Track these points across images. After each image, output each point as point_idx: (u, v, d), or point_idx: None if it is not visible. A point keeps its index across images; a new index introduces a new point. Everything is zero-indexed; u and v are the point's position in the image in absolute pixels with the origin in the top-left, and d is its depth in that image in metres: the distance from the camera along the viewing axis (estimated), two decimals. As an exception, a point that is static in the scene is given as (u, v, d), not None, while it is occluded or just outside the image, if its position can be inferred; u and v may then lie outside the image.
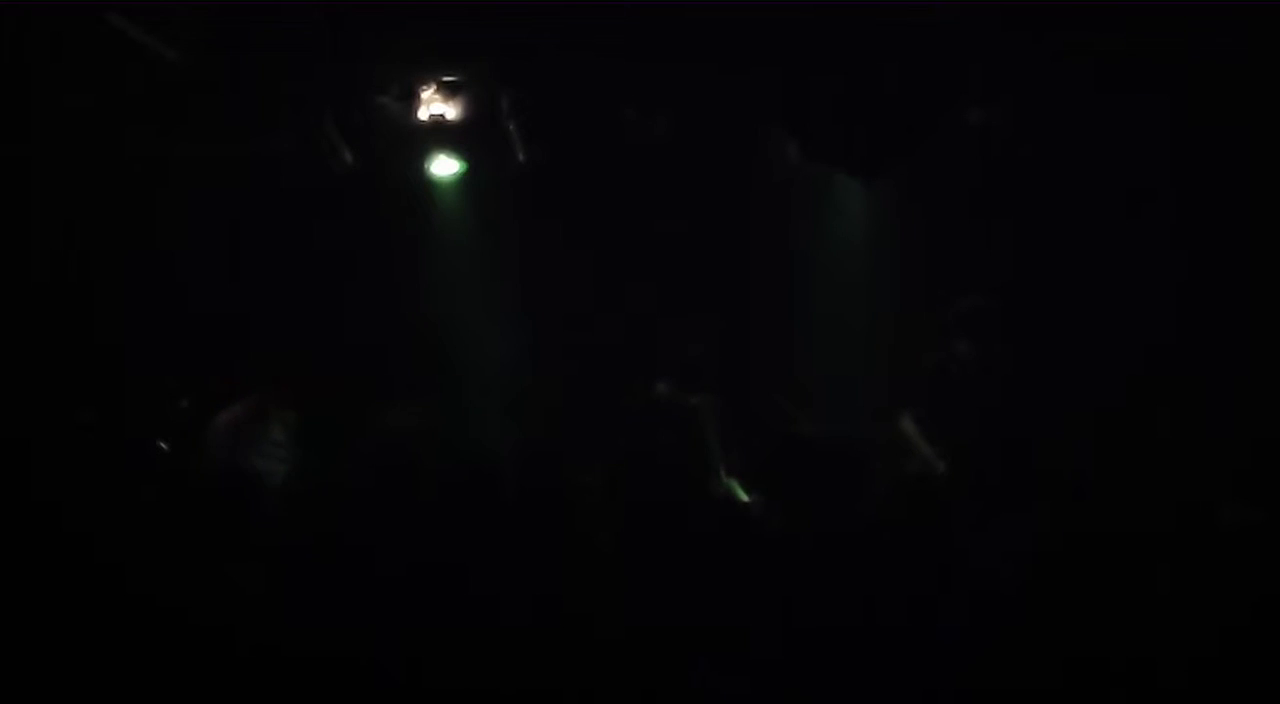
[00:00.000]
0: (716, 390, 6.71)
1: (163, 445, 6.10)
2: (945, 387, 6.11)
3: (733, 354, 7.39)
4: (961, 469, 5.60)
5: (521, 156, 7.06)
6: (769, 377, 7.32)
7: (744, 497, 5.70)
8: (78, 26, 5.76)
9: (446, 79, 6.73)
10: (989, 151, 6.72)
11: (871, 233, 7.29)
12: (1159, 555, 3.50)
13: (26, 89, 6.10)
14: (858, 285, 7.31)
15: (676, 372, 6.53)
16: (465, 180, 7.39)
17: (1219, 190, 6.40)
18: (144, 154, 6.79)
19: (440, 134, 6.95)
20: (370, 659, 3.35)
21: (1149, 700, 3.12)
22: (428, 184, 7.39)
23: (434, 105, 6.79)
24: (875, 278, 7.27)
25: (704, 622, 3.32)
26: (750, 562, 3.61)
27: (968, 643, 3.19)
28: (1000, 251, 6.91)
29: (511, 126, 6.89)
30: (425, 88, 6.75)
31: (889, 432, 6.17)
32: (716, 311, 7.44)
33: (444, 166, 7.24)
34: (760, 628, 3.30)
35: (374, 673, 3.33)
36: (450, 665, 3.34)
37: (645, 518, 3.76)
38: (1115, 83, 6.16)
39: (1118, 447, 5.45)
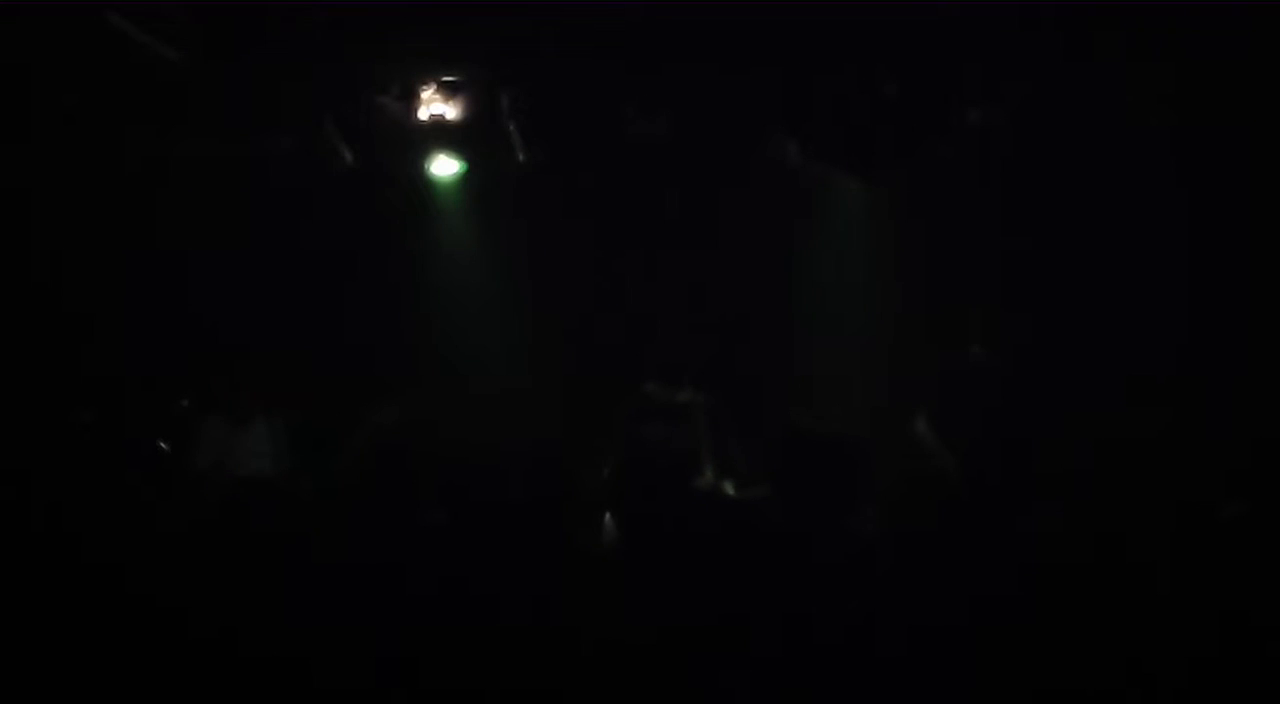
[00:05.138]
0: (715, 389, 6.69)
1: (163, 445, 6.10)
2: (950, 388, 6.10)
3: (733, 353, 7.40)
4: (963, 469, 5.60)
5: (521, 156, 7.07)
6: (769, 376, 7.32)
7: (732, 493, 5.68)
8: (77, 26, 5.76)
9: (446, 79, 6.74)
10: (989, 152, 6.72)
11: (871, 232, 7.29)
12: (1159, 555, 3.50)
13: (26, 89, 6.10)
14: (858, 285, 7.31)
15: (671, 370, 6.43)
16: (465, 180, 7.40)
17: (1219, 190, 6.40)
18: (144, 154, 6.79)
19: (440, 134, 6.95)
20: (370, 660, 3.35)
21: (1150, 700, 3.12)
22: (428, 184, 7.39)
23: (434, 105, 6.79)
24: (875, 277, 7.27)
25: (704, 621, 3.32)
26: (750, 561, 3.61)
27: (968, 642, 3.19)
28: (1000, 251, 6.91)
29: (511, 126, 6.89)
30: (425, 88, 6.75)
31: (899, 431, 6.15)
32: (717, 311, 7.44)
33: (444, 166, 7.24)
34: (760, 628, 3.30)
35: (373, 674, 3.33)
36: (450, 666, 3.34)
37: (644, 517, 3.75)
38: (1115, 83, 6.17)
39: (1118, 447, 5.45)
